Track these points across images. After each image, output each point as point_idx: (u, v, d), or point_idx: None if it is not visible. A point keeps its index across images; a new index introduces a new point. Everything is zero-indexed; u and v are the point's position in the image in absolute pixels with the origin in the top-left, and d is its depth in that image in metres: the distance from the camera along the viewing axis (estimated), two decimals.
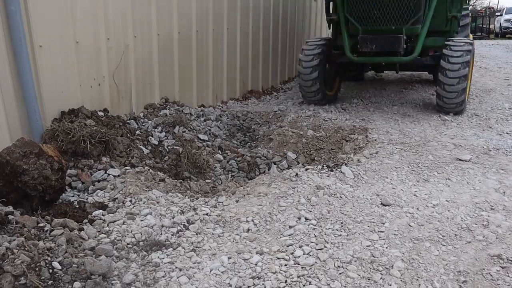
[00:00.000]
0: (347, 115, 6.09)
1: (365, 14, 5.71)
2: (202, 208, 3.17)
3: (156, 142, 4.46)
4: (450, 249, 2.69)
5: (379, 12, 5.62)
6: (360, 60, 6.05)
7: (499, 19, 25.45)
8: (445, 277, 2.41)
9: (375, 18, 5.67)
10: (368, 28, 5.78)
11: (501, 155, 4.34)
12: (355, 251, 2.63)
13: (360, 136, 4.92)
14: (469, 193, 3.49)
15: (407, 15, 5.53)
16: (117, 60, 4.58)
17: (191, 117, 5.38)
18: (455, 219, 3.06)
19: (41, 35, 3.69)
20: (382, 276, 2.40)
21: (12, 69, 3.51)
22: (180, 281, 2.34)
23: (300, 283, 2.33)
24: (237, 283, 2.32)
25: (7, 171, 2.88)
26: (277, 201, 3.25)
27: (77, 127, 3.68)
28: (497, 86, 8.08)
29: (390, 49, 5.65)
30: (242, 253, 2.61)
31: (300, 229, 2.85)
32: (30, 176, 2.94)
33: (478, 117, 5.86)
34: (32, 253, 2.21)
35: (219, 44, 6.47)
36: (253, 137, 5.58)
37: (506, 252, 2.62)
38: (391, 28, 5.65)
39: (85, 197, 3.26)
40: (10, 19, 3.40)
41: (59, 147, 3.52)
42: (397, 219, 3.07)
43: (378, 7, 5.60)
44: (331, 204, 3.22)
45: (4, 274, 2.05)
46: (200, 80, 6.09)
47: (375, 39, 5.69)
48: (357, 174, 3.84)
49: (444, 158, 4.24)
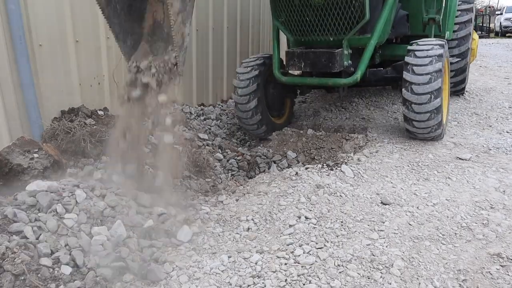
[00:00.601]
0: (347, 114, 6.08)
1: (295, 20, 4.41)
2: (202, 207, 3.17)
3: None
4: (450, 248, 2.69)
5: (312, 17, 4.28)
6: (288, 81, 4.75)
7: (499, 18, 25.44)
8: (445, 275, 2.41)
9: (308, 26, 4.39)
10: (300, 39, 4.54)
11: (501, 154, 4.35)
12: (355, 250, 2.63)
13: (360, 135, 4.92)
14: (469, 192, 3.49)
15: (348, 22, 4.20)
16: (117, 59, 4.57)
17: (191, 116, 5.38)
18: (455, 218, 3.06)
19: (41, 34, 3.69)
20: (382, 275, 2.40)
21: (12, 68, 3.51)
22: (180, 280, 2.34)
23: (300, 282, 2.33)
24: (237, 282, 2.32)
25: (7, 170, 2.88)
26: (277, 200, 3.25)
27: (77, 126, 3.68)
28: (497, 85, 8.08)
29: (322, 68, 4.26)
30: (242, 252, 2.61)
31: (300, 228, 2.86)
32: (30, 175, 2.95)
33: (478, 116, 5.86)
34: (32, 253, 2.22)
35: (219, 43, 6.46)
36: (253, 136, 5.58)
37: (506, 251, 2.63)
38: (329, 39, 4.35)
39: None
40: (9, 18, 3.40)
41: (59, 146, 3.52)
42: (397, 218, 3.07)
43: (310, 10, 4.25)
44: (331, 203, 3.22)
45: (4, 273, 2.05)
46: (200, 79, 6.08)
47: (305, 54, 4.30)
48: (357, 173, 3.85)
49: (444, 157, 4.24)
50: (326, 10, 4.21)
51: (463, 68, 6.35)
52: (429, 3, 5.16)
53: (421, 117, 4.22)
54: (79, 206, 2.64)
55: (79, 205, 2.65)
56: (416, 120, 4.28)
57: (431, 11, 5.18)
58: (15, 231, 2.36)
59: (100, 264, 2.34)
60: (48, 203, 2.59)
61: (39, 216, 2.50)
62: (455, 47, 6.21)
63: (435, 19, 5.16)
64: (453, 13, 5.81)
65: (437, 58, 4.17)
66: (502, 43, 17.90)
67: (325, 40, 4.39)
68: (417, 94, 4.13)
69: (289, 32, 4.60)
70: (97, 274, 2.25)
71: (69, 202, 2.62)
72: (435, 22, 5.21)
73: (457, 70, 6.27)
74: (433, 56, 4.17)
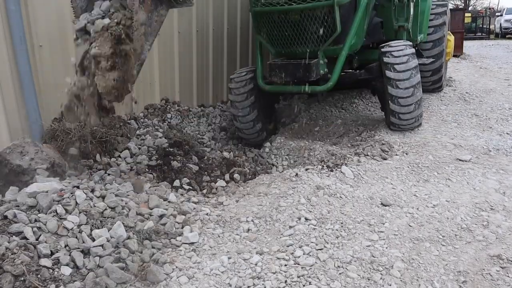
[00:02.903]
0: (347, 114, 6.09)
1: (275, 35, 4.82)
2: (202, 208, 3.17)
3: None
4: (450, 249, 2.69)
5: (290, 32, 4.68)
6: (270, 89, 5.05)
7: (499, 20, 25.45)
8: (445, 277, 2.41)
9: (287, 39, 4.77)
10: (281, 51, 4.96)
11: (501, 156, 4.34)
12: (355, 251, 2.63)
13: (359, 136, 4.92)
14: (469, 193, 3.49)
15: (322, 35, 4.58)
16: None
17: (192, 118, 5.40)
18: (455, 219, 3.06)
19: (41, 34, 3.69)
20: (382, 276, 2.40)
21: (12, 69, 3.51)
22: (180, 281, 2.34)
23: (300, 283, 2.33)
24: (237, 283, 2.32)
25: (7, 171, 2.88)
26: (277, 201, 3.25)
27: (77, 127, 3.68)
28: (497, 86, 8.08)
29: (302, 78, 4.67)
30: (242, 253, 2.61)
31: (300, 229, 2.85)
32: (30, 176, 2.95)
33: (478, 117, 5.86)
34: (32, 253, 2.21)
35: (219, 44, 6.46)
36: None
37: (506, 253, 2.62)
38: (306, 50, 4.72)
39: None
40: (10, 19, 3.40)
41: (59, 147, 3.52)
42: (397, 219, 3.07)
43: (288, 25, 4.66)
44: (331, 204, 3.22)
45: (4, 273, 2.05)
46: (200, 80, 6.08)
47: (284, 66, 4.72)
48: (357, 174, 3.84)
49: (444, 158, 4.24)
50: (302, 25, 4.60)
51: (438, 68, 6.69)
52: (398, 12, 5.56)
53: (406, 110, 4.66)
54: (79, 207, 2.64)
55: (79, 206, 2.65)
56: (402, 112, 4.69)
57: (400, 19, 5.58)
58: (15, 232, 2.36)
59: (100, 265, 2.34)
60: (48, 204, 2.59)
61: (39, 217, 2.50)
62: (430, 48, 6.57)
63: (404, 27, 5.59)
64: (426, 17, 6.22)
65: (412, 56, 4.66)
66: (502, 44, 17.92)
67: (302, 52, 4.74)
68: (402, 89, 4.56)
69: (271, 45, 5.01)
70: (97, 275, 2.25)
71: (69, 203, 2.62)
72: (405, 29, 5.62)
73: (433, 70, 6.66)
74: (409, 55, 4.63)
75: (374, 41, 5.66)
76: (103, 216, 2.69)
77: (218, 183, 3.81)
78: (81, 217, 2.58)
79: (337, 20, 4.44)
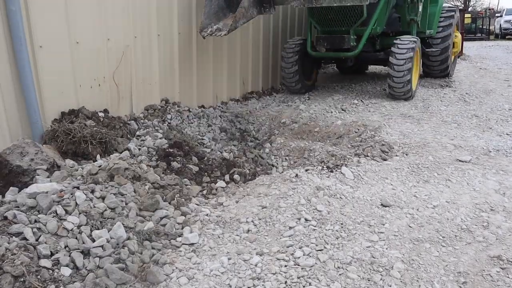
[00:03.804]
0: (347, 115, 6.09)
1: (321, 18, 6.94)
2: (202, 209, 3.17)
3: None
4: (450, 250, 2.69)
5: (332, 16, 6.79)
6: (316, 54, 7.16)
7: (499, 20, 25.47)
8: (445, 278, 2.41)
9: (329, 21, 6.89)
10: (325, 29, 7.02)
11: (501, 156, 4.34)
12: (355, 252, 2.63)
13: (360, 136, 4.92)
14: (469, 194, 3.49)
15: (353, 19, 6.64)
16: (117, 61, 4.58)
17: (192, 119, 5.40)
18: (455, 220, 3.06)
19: (41, 35, 3.69)
20: (382, 277, 2.40)
21: (12, 70, 3.51)
22: (179, 281, 2.34)
23: (300, 284, 2.33)
24: (237, 284, 2.32)
25: (7, 171, 2.88)
26: (277, 201, 3.25)
27: (77, 127, 3.68)
28: (497, 87, 8.09)
29: (338, 46, 6.74)
30: (242, 253, 2.61)
31: (300, 230, 2.85)
32: (30, 176, 2.95)
33: (478, 118, 5.86)
34: (32, 254, 2.21)
35: (219, 45, 6.47)
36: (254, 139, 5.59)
37: (506, 253, 2.62)
38: (341, 29, 6.77)
39: None
40: (10, 19, 3.41)
41: (59, 147, 3.53)
42: (397, 220, 3.07)
43: (330, 12, 6.76)
44: (331, 205, 3.22)
45: (4, 274, 2.05)
46: (200, 81, 6.09)
47: (327, 38, 6.78)
48: (357, 175, 3.84)
49: (444, 159, 4.24)
50: (340, 12, 6.71)
51: (445, 59, 8.44)
52: (410, 9, 7.55)
53: (398, 86, 6.67)
54: (79, 208, 2.64)
55: (79, 207, 2.65)
56: (395, 87, 6.72)
57: (411, 14, 7.55)
58: (15, 233, 2.36)
59: (100, 265, 2.34)
60: (48, 205, 2.59)
61: (39, 218, 2.50)
62: (439, 43, 8.40)
63: (414, 19, 7.54)
64: (436, 17, 8.25)
65: (410, 49, 6.59)
66: (502, 45, 17.93)
67: (339, 30, 6.85)
68: (397, 71, 6.56)
69: (318, 24, 7.11)
70: (97, 276, 2.25)
71: (69, 203, 2.62)
72: (415, 22, 7.58)
73: (441, 61, 8.48)
74: (408, 48, 6.58)
75: (393, 31, 7.58)
76: (103, 217, 2.69)
77: (218, 184, 3.81)
78: (81, 217, 2.58)
79: (364, 9, 6.42)
